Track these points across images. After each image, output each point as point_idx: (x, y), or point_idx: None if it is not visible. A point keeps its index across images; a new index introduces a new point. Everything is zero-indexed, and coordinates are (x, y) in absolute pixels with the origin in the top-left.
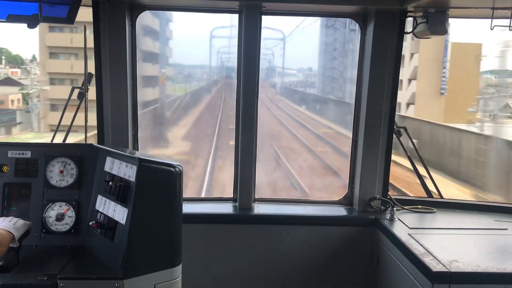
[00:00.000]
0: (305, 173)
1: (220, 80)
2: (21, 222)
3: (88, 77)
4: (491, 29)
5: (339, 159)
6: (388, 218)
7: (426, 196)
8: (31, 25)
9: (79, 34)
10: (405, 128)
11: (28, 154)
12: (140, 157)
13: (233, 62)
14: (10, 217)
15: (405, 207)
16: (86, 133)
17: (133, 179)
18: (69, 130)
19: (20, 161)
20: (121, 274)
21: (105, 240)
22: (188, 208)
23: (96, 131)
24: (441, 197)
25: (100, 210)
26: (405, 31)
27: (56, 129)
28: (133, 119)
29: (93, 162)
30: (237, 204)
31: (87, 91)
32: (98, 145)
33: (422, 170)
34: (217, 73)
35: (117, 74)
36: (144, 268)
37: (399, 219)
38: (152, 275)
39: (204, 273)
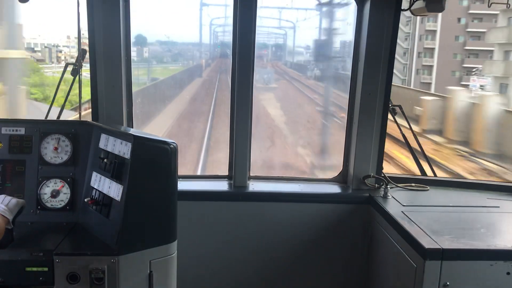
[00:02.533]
0: None
1: (211, 63)
2: (13, 202)
3: (82, 53)
4: (489, 6)
5: None
6: (381, 195)
7: (420, 174)
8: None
9: None
10: (400, 107)
11: (22, 131)
12: (135, 134)
13: (229, 36)
14: (3, 196)
15: (399, 185)
16: (80, 110)
17: (128, 156)
18: (63, 107)
19: (14, 138)
20: (116, 250)
21: (100, 217)
22: (183, 185)
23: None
24: (435, 175)
25: (95, 187)
26: (402, 8)
27: (50, 106)
28: (127, 95)
29: (88, 139)
30: (232, 181)
31: (81, 68)
32: (93, 122)
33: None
34: (209, 50)
35: (111, 50)
36: (139, 244)
37: (392, 197)
38: (147, 251)
39: (199, 249)
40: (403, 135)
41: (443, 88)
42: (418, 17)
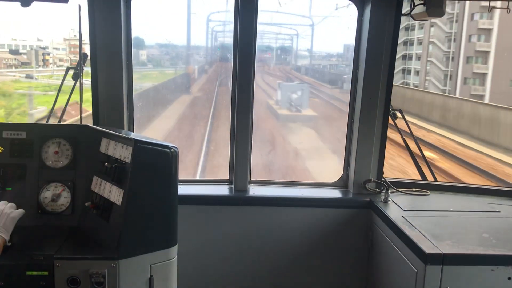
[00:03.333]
0: None
1: (208, 69)
2: (10, 219)
3: (83, 57)
4: (489, 11)
5: None
6: (382, 200)
7: (420, 179)
8: (24, 4)
9: None
10: (401, 111)
11: (23, 135)
12: (135, 138)
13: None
14: None
15: (400, 189)
16: (81, 114)
17: (128, 160)
18: (64, 111)
19: (15, 142)
20: (116, 255)
21: (101, 221)
22: (184, 189)
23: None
24: (435, 180)
25: (95, 191)
26: (403, 12)
27: (51, 110)
28: (128, 99)
29: (89, 143)
30: (232, 186)
31: (82, 72)
32: (94, 126)
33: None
34: (206, 53)
35: (112, 54)
36: (140, 249)
37: (393, 202)
38: (147, 256)
39: (200, 254)
40: (404, 140)
41: (500, 102)
42: (466, 13)
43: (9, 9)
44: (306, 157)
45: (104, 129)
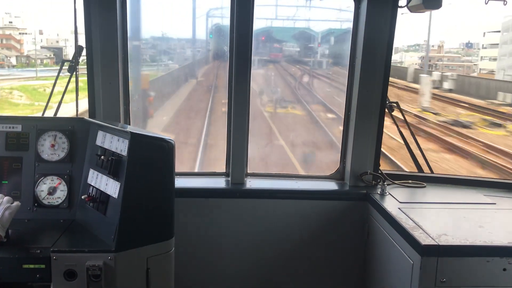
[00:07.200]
0: None
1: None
2: (6, 215)
3: (78, 50)
4: (486, 3)
5: None
6: (379, 192)
7: (417, 171)
8: None
9: None
10: (397, 103)
11: (18, 128)
12: (132, 131)
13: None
14: None
15: (396, 182)
16: (77, 107)
17: (125, 153)
18: (60, 103)
19: (10, 135)
20: (113, 247)
21: (98, 214)
22: (180, 182)
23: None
24: (432, 172)
25: (92, 184)
26: (399, 5)
27: (47, 103)
28: (124, 92)
29: (85, 136)
30: (229, 178)
31: (78, 65)
32: (90, 119)
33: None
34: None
35: (107, 47)
36: (137, 242)
37: (389, 194)
38: (144, 248)
39: (196, 246)
40: (400, 132)
41: None
42: None
43: None
44: None
45: (100, 122)
